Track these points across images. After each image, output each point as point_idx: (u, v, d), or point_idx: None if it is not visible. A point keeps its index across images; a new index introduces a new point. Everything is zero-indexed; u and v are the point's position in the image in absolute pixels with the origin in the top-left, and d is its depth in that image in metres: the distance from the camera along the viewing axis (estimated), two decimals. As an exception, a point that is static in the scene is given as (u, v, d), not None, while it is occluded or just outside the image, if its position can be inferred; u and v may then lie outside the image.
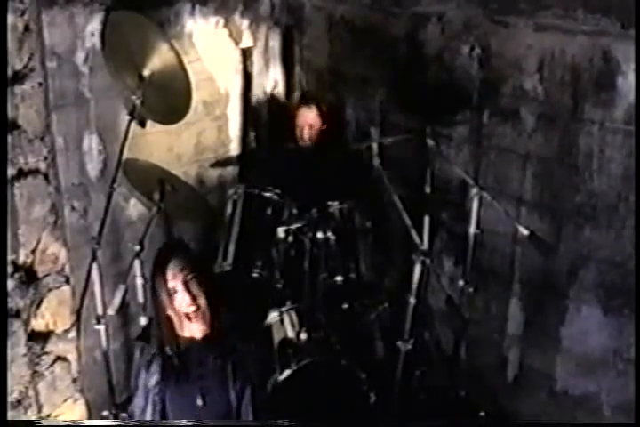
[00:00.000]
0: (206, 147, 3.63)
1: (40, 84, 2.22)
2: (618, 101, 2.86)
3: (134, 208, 3.28)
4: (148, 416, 2.36)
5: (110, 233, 3.02)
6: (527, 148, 3.18)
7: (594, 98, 2.93)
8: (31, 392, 2.33)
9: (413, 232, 2.76)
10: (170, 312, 2.30)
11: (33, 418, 2.34)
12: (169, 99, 3.02)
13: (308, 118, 3.57)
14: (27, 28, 2.14)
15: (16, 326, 2.23)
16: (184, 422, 2.39)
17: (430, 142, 3.13)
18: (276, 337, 3.19)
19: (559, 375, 3.29)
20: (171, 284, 2.27)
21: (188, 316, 2.30)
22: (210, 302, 2.32)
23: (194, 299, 2.27)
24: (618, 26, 2.78)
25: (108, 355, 2.84)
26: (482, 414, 3.23)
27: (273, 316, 3.26)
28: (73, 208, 2.99)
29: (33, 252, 2.27)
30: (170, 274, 2.27)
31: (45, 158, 2.27)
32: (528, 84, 3.10)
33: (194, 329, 2.34)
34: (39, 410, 2.37)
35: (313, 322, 3.20)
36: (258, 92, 3.86)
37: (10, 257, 2.18)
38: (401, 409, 3.04)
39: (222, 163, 3.74)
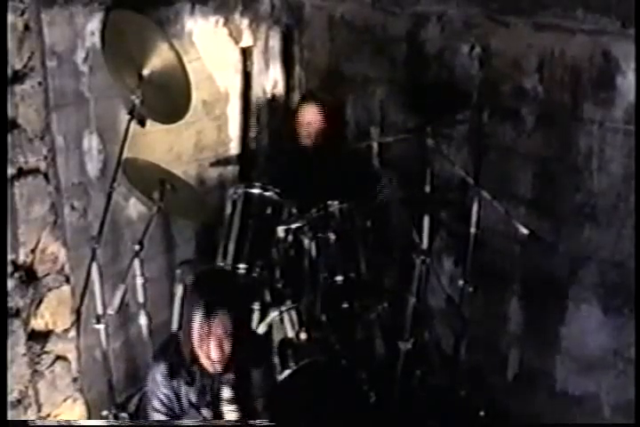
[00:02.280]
0: (206, 146, 3.63)
1: (40, 83, 2.21)
2: (618, 101, 2.86)
3: (134, 208, 3.27)
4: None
5: (110, 233, 3.01)
6: (527, 147, 3.18)
7: (593, 97, 2.93)
8: (31, 392, 2.32)
9: (413, 232, 2.76)
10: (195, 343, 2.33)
11: (33, 418, 2.33)
12: (169, 98, 3.02)
13: (310, 116, 3.56)
14: (26, 28, 2.13)
15: (16, 326, 2.22)
16: (185, 422, 2.39)
17: (430, 142, 3.13)
18: (276, 337, 3.19)
19: (559, 375, 3.29)
20: (210, 331, 2.29)
21: (208, 355, 2.32)
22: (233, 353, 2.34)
23: (222, 353, 2.30)
24: (618, 25, 2.79)
25: (107, 355, 2.85)
26: (482, 414, 3.23)
27: (273, 316, 3.26)
28: (73, 208, 2.99)
29: (33, 251, 2.26)
30: (215, 323, 2.28)
31: (45, 158, 2.25)
32: (528, 83, 3.10)
33: (208, 365, 2.36)
34: (39, 410, 2.37)
35: (313, 322, 3.19)
36: (258, 92, 3.86)
37: (10, 257, 2.18)
38: (401, 409, 3.05)
39: (222, 162, 3.73)
